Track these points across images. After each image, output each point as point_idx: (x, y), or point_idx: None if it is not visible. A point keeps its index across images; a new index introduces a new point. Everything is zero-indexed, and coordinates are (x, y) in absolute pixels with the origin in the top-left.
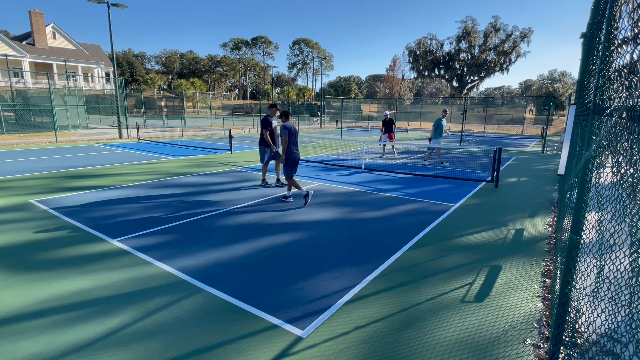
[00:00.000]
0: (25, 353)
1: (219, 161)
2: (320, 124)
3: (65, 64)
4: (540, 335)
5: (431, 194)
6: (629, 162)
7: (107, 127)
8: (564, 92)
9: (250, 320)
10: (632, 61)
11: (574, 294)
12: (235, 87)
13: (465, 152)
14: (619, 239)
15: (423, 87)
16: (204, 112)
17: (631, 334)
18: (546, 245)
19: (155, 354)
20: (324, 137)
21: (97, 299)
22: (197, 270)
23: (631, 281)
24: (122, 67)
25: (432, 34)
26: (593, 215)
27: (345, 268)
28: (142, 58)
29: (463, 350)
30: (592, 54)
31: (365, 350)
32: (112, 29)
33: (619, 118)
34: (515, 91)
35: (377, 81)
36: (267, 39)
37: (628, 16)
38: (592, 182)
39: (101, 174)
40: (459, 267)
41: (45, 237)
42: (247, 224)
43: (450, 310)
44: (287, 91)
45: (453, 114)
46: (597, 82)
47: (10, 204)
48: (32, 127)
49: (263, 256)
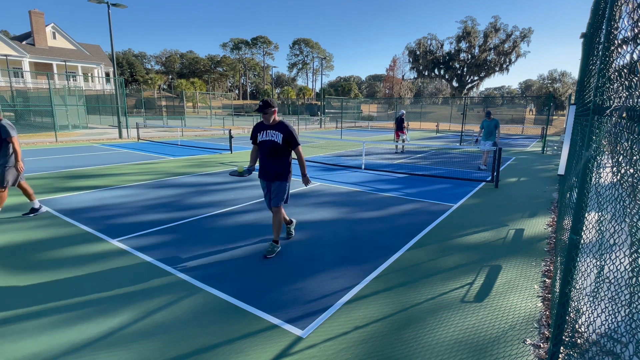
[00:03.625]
0: (25, 353)
1: (218, 161)
2: (320, 124)
3: (65, 64)
4: (540, 335)
5: (431, 194)
6: (629, 162)
7: (107, 127)
8: (564, 92)
9: (250, 320)
10: (632, 61)
11: (574, 294)
12: (235, 87)
13: (465, 152)
14: (619, 239)
15: (423, 87)
16: (204, 112)
17: (631, 334)
18: (546, 245)
19: (155, 354)
20: (324, 137)
21: (97, 299)
22: (197, 270)
23: (631, 281)
24: (122, 67)
25: (432, 34)
26: (593, 215)
27: (345, 268)
28: (142, 58)
29: (463, 350)
30: (592, 54)
31: (365, 350)
32: (112, 28)
33: (619, 118)
34: (515, 91)
35: (377, 81)
36: (267, 39)
37: (628, 16)
38: (592, 182)
39: (101, 174)
40: (458, 267)
41: (45, 237)
42: (247, 224)
43: (450, 310)
44: (287, 91)
45: (453, 114)
46: (597, 82)
47: (10, 204)
48: (32, 127)
49: (263, 256)
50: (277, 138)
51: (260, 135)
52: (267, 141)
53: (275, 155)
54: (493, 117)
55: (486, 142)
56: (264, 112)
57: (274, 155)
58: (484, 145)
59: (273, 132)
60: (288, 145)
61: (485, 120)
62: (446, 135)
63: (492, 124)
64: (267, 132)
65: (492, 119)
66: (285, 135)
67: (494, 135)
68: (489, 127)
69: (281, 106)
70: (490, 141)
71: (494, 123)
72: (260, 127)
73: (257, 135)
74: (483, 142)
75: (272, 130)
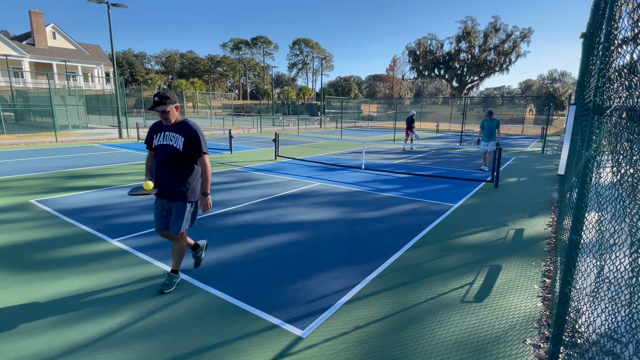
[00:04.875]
0: (25, 353)
1: (218, 161)
2: (320, 124)
3: (65, 64)
4: (540, 335)
5: (431, 194)
6: (629, 162)
7: (107, 127)
8: (564, 92)
9: (250, 320)
10: (632, 61)
11: (574, 294)
12: (235, 87)
13: (465, 152)
14: (619, 239)
15: (423, 87)
16: (204, 112)
17: (631, 334)
18: (546, 245)
19: (155, 354)
20: (324, 137)
21: (97, 299)
22: (197, 270)
23: (631, 281)
24: (122, 67)
25: (432, 34)
26: (593, 215)
27: (345, 268)
28: (142, 58)
29: (463, 350)
30: (592, 54)
31: (365, 350)
32: (112, 28)
33: (619, 118)
34: (515, 91)
35: (377, 81)
36: (267, 39)
37: (628, 16)
38: (592, 182)
39: (101, 174)
40: (458, 267)
41: (45, 237)
42: (247, 224)
43: (450, 310)
44: (287, 91)
45: (453, 114)
46: (597, 82)
47: (10, 204)
48: (32, 127)
49: (263, 256)
50: (176, 143)
51: (156, 139)
52: (163, 146)
53: (174, 166)
54: (494, 117)
55: (488, 143)
56: (161, 108)
57: (172, 166)
58: (485, 146)
59: (172, 134)
60: (191, 153)
61: (486, 120)
62: (446, 135)
63: (493, 124)
64: (166, 135)
65: (493, 119)
66: (187, 139)
67: (495, 136)
68: (489, 127)
69: (281, 106)
70: (493, 142)
71: (495, 123)
72: (157, 127)
73: (153, 138)
74: (484, 143)
75: (171, 132)
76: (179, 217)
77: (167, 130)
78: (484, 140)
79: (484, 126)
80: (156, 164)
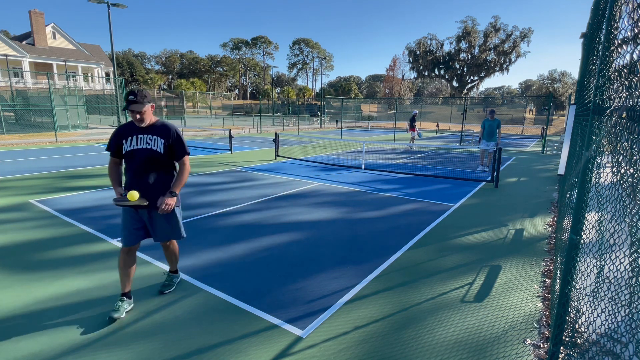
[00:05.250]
0: (25, 353)
1: (218, 161)
2: (320, 124)
3: (65, 64)
4: (540, 335)
5: (431, 194)
6: (629, 162)
7: (107, 127)
8: (564, 92)
9: (250, 320)
10: (632, 61)
11: (574, 294)
12: (235, 87)
13: (465, 152)
14: (619, 239)
15: (423, 87)
16: (204, 112)
17: (631, 334)
18: (546, 245)
19: (155, 354)
20: (324, 137)
21: (97, 299)
22: (197, 270)
23: (631, 281)
24: (122, 67)
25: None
26: (593, 215)
27: (345, 268)
28: (142, 58)
29: (463, 350)
30: (592, 54)
31: (365, 350)
32: (112, 28)
33: (619, 118)
34: (515, 91)
35: (377, 81)
36: (267, 39)
37: (628, 16)
38: (592, 182)
39: (101, 174)
40: (458, 267)
41: (45, 237)
42: (247, 224)
43: (450, 310)
44: (287, 91)
45: (453, 114)
46: (597, 82)
47: (10, 204)
48: (32, 127)
49: (263, 256)
50: (156, 145)
51: (127, 143)
52: (140, 151)
53: (156, 171)
54: (495, 117)
55: (489, 143)
56: (137, 108)
57: (153, 171)
58: (486, 146)
59: (149, 137)
60: (172, 156)
61: (487, 119)
62: (446, 135)
63: (494, 124)
64: (140, 138)
65: (495, 119)
66: (168, 141)
67: (496, 136)
68: (490, 127)
69: (281, 106)
70: (493, 142)
71: (496, 123)
72: (125, 131)
73: (122, 144)
74: (485, 143)
75: (146, 134)
76: (174, 223)
77: (140, 133)
78: (485, 140)
79: (485, 126)
80: (133, 171)
